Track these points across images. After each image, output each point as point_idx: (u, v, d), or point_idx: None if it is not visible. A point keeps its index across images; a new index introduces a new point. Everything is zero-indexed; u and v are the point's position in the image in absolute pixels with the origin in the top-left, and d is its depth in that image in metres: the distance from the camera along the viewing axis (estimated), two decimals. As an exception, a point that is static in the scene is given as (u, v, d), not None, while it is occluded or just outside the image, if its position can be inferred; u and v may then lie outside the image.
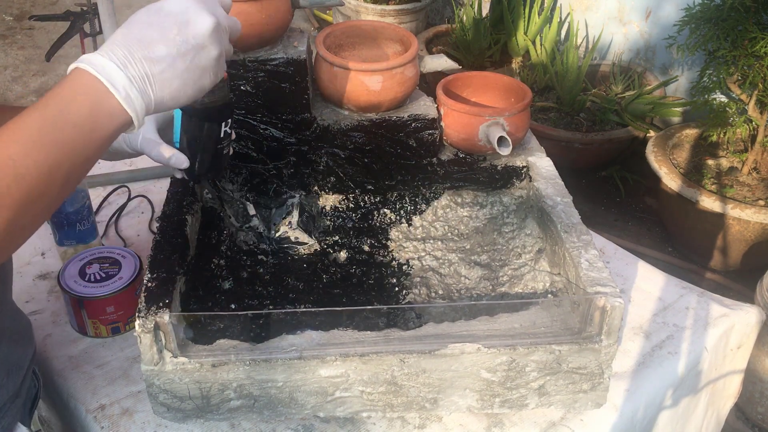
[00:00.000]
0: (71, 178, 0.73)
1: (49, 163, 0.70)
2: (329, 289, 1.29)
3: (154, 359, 0.98)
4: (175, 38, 0.78)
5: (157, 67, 0.77)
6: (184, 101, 0.82)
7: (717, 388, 1.37)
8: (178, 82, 0.79)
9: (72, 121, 0.71)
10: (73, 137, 0.71)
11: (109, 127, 0.74)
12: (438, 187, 1.31)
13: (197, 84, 0.81)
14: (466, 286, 1.29)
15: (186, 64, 0.79)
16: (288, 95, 1.21)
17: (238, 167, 1.28)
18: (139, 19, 0.80)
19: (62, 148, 0.71)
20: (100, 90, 0.73)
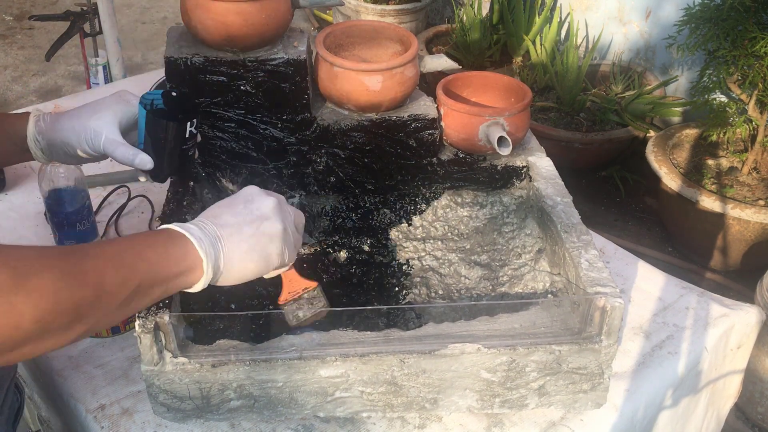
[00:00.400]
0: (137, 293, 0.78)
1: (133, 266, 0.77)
2: (329, 289, 1.29)
3: (154, 359, 0.98)
4: (241, 211, 0.90)
5: (226, 231, 0.88)
6: (254, 267, 0.90)
7: (717, 388, 1.37)
8: (246, 245, 0.88)
9: (153, 248, 0.80)
10: (151, 261, 0.79)
11: (181, 263, 0.82)
12: (438, 187, 1.31)
13: (265, 250, 0.90)
14: (466, 286, 1.29)
15: (253, 230, 0.89)
16: (288, 95, 1.21)
17: (238, 167, 1.28)
18: (213, 206, 0.93)
19: (143, 260, 0.78)
20: (181, 240, 0.83)
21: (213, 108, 1.22)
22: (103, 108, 1.05)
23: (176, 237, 0.84)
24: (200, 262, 0.84)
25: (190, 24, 1.17)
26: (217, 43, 1.17)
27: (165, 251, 0.81)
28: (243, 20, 1.13)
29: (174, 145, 1.05)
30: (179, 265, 0.82)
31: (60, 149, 1.06)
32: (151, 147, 1.04)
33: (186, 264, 0.83)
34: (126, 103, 1.06)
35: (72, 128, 1.04)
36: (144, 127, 1.04)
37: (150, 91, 1.06)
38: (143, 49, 4.67)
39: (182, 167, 1.09)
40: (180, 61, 1.17)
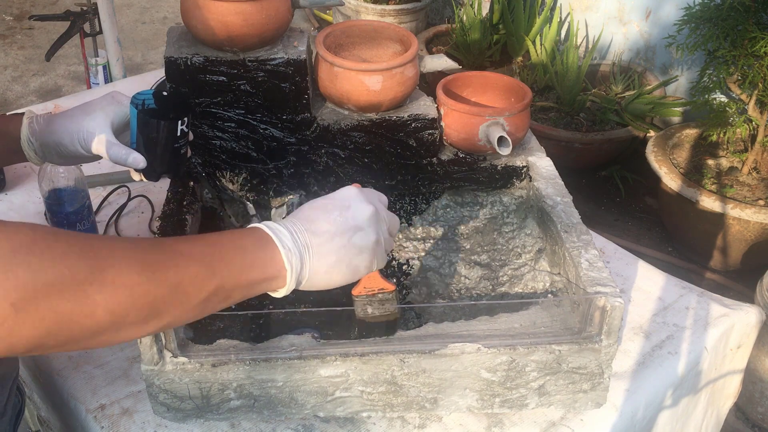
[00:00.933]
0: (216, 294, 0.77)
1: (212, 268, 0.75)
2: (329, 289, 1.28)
3: (154, 359, 0.98)
4: (336, 219, 0.86)
5: (317, 240, 0.84)
6: (340, 278, 0.87)
7: (717, 388, 1.37)
8: (335, 257, 0.85)
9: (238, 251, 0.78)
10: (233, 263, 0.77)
11: (264, 271, 0.80)
12: (438, 186, 1.31)
13: (353, 262, 0.87)
14: (466, 286, 1.29)
15: (344, 241, 0.85)
16: (288, 95, 1.21)
17: (238, 167, 1.28)
18: (310, 204, 0.89)
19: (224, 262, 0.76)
20: (269, 241, 0.81)
21: (213, 108, 1.22)
22: (95, 109, 1.05)
23: (265, 242, 0.81)
24: (285, 272, 0.81)
25: (190, 24, 1.17)
26: (217, 43, 1.17)
27: (251, 257, 0.79)
28: (243, 20, 1.13)
29: (166, 144, 1.05)
30: (263, 272, 0.80)
31: (53, 150, 1.07)
32: (143, 146, 1.05)
33: (270, 272, 0.80)
34: (118, 104, 1.07)
35: (65, 129, 1.04)
36: (135, 126, 1.05)
37: (141, 91, 1.07)
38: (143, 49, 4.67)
39: (175, 165, 1.10)
40: (180, 61, 1.17)
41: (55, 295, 0.63)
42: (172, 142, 1.06)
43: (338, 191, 0.91)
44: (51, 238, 0.64)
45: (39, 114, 1.08)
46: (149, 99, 1.07)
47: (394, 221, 0.94)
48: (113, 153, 1.03)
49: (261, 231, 0.82)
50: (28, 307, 0.61)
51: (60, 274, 0.63)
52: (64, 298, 0.63)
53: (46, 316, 0.63)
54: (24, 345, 0.63)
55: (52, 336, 0.64)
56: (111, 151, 1.03)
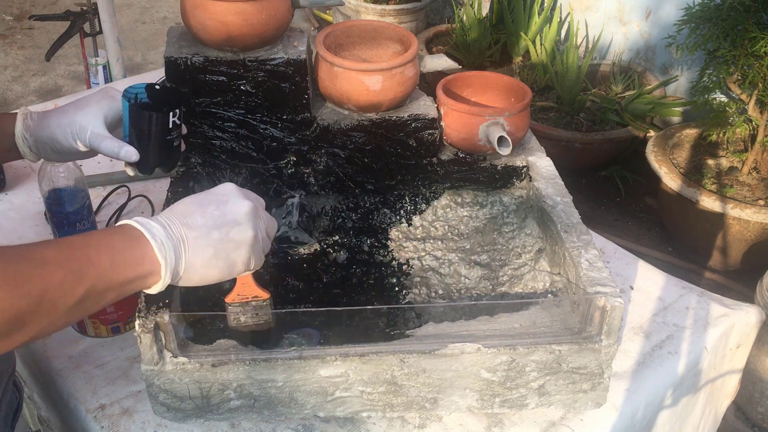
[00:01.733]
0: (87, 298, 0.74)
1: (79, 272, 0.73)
2: (329, 289, 1.29)
3: (154, 359, 0.98)
4: (213, 213, 0.85)
5: (193, 233, 0.83)
6: (217, 273, 0.86)
7: (715, 387, 1.37)
8: (211, 250, 0.84)
9: (108, 251, 0.76)
10: (102, 264, 0.75)
11: (136, 268, 0.78)
12: (438, 186, 1.31)
13: (230, 257, 0.86)
14: (466, 286, 1.29)
15: (221, 235, 0.85)
16: (288, 95, 1.21)
17: (238, 167, 1.28)
18: (185, 199, 0.88)
19: (93, 265, 0.74)
20: (140, 236, 0.79)
21: (213, 108, 1.22)
22: (88, 103, 1.06)
23: (135, 238, 0.79)
24: (159, 267, 0.80)
25: (190, 24, 1.17)
26: (217, 43, 1.17)
27: (121, 256, 0.77)
28: (243, 20, 1.13)
29: (158, 137, 1.06)
30: (136, 270, 0.78)
31: (47, 146, 1.07)
32: (135, 139, 1.05)
33: (143, 269, 0.79)
34: (111, 99, 1.07)
35: (58, 124, 1.05)
36: (128, 119, 1.05)
37: (133, 85, 1.07)
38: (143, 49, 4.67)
39: (167, 158, 1.10)
40: (180, 61, 1.17)
41: None
42: (164, 134, 1.06)
43: (215, 187, 0.90)
44: None
45: (33, 110, 1.09)
46: (142, 92, 1.07)
47: (272, 222, 0.94)
48: (105, 146, 1.03)
49: (131, 227, 0.80)
50: None
51: None
52: None
53: None
54: None
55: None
56: (103, 144, 1.03)
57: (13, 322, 0.68)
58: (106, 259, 0.76)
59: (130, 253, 0.78)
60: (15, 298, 0.67)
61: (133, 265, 0.78)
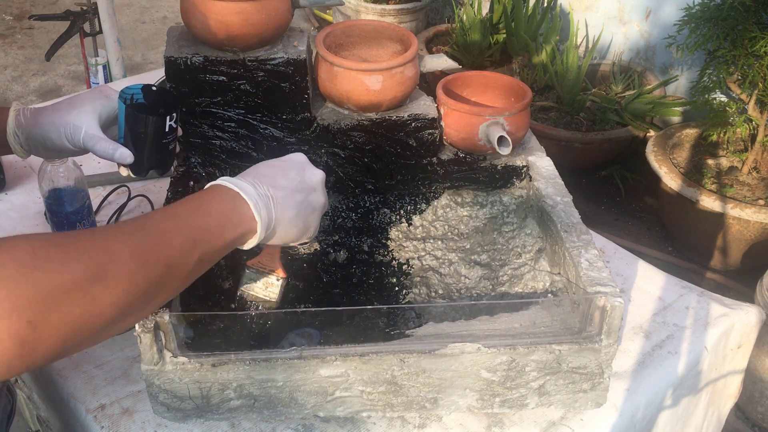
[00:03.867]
0: (200, 261, 0.79)
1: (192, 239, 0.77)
2: (329, 289, 1.29)
3: (154, 359, 0.98)
4: (294, 177, 0.91)
5: (279, 193, 0.88)
6: (295, 234, 0.92)
7: (717, 388, 1.37)
8: (294, 211, 0.90)
9: (213, 215, 0.81)
10: (210, 229, 0.79)
11: (237, 229, 0.83)
12: (438, 186, 1.31)
13: (307, 220, 0.93)
14: (466, 286, 1.29)
15: (301, 198, 0.91)
16: (288, 95, 1.21)
17: (238, 167, 1.28)
18: (264, 164, 0.93)
19: (202, 230, 0.79)
20: (236, 197, 0.84)
21: (213, 108, 1.22)
22: (83, 102, 1.05)
23: (232, 199, 0.83)
24: (255, 225, 0.85)
25: (190, 24, 1.17)
26: (217, 43, 1.17)
27: (225, 218, 0.81)
28: (243, 20, 1.13)
29: (153, 139, 1.05)
30: (237, 230, 0.83)
31: (39, 143, 1.06)
32: (130, 141, 1.05)
33: (242, 228, 0.84)
34: (106, 98, 1.07)
35: (52, 123, 1.04)
36: (123, 121, 1.04)
37: (130, 86, 1.07)
38: (143, 49, 4.67)
39: (162, 161, 1.10)
40: (180, 61, 1.17)
41: (64, 303, 0.63)
42: (160, 137, 1.06)
43: (289, 155, 0.95)
44: (47, 246, 0.64)
45: (25, 107, 1.08)
46: (138, 94, 1.07)
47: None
48: (100, 148, 1.03)
49: (226, 188, 0.84)
50: (44, 321, 0.61)
51: (65, 282, 0.63)
52: (74, 303, 0.64)
53: (60, 326, 0.63)
54: (44, 357, 0.63)
55: (68, 343, 0.65)
56: (98, 145, 1.03)
57: (148, 293, 0.72)
58: (213, 223, 0.80)
59: (231, 214, 0.82)
60: (147, 270, 0.71)
61: (236, 225, 0.82)
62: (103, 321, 0.67)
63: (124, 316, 0.70)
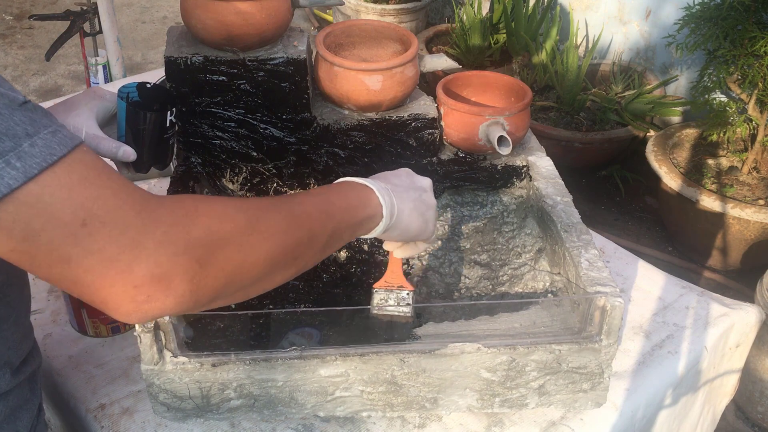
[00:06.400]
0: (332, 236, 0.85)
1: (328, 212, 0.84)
2: (329, 288, 1.29)
3: (154, 359, 0.98)
4: (405, 179, 0.98)
5: (396, 189, 0.95)
6: (416, 227, 0.96)
7: (714, 386, 1.37)
8: (411, 204, 0.95)
9: (344, 196, 0.88)
10: (342, 206, 0.87)
11: (365, 209, 0.89)
12: (438, 186, 1.31)
13: (425, 215, 0.98)
14: (466, 286, 1.29)
15: (416, 195, 0.97)
16: (288, 95, 1.21)
17: (238, 167, 1.28)
18: (376, 174, 0.99)
19: (336, 206, 0.86)
20: (363, 187, 0.91)
21: (213, 108, 1.21)
22: (79, 104, 1.05)
23: (359, 187, 0.90)
24: (380, 209, 0.90)
25: (190, 23, 1.17)
26: (217, 43, 1.16)
27: (355, 199, 0.88)
28: (243, 20, 1.13)
29: (154, 135, 1.06)
30: (365, 211, 0.89)
31: None
32: (132, 138, 1.05)
33: (369, 211, 0.89)
34: (101, 99, 1.07)
35: None
36: (124, 119, 1.05)
37: (126, 84, 1.08)
38: (143, 49, 4.67)
39: (163, 157, 1.11)
40: (180, 61, 1.17)
41: (228, 247, 0.69)
42: (161, 132, 1.06)
43: (396, 169, 1.02)
44: (207, 200, 0.71)
45: None
46: (133, 91, 1.07)
47: None
48: (103, 147, 1.03)
49: (353, 182, 0.91)
50: (210, 261, 0.68)
51: (228, 229, 0.70)
52: (236, 249, 0.70)
53: (224, 267, 0.69)
54: (207, 296, 0.69)
55: (228, 286, 0.71)
56: (101, 145, 1.03)
57: (294, 253, 0.78)
58: (345, 203, 0.87)
59: (359, 197, 0.89)
60: (295, 230, 0.77)
61: (364, 206, 0.89)
62: (257, 272, 0.73)
63: (272, 272, 0.76)
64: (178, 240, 0.66)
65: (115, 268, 0.63)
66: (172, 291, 0.65)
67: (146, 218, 0.65)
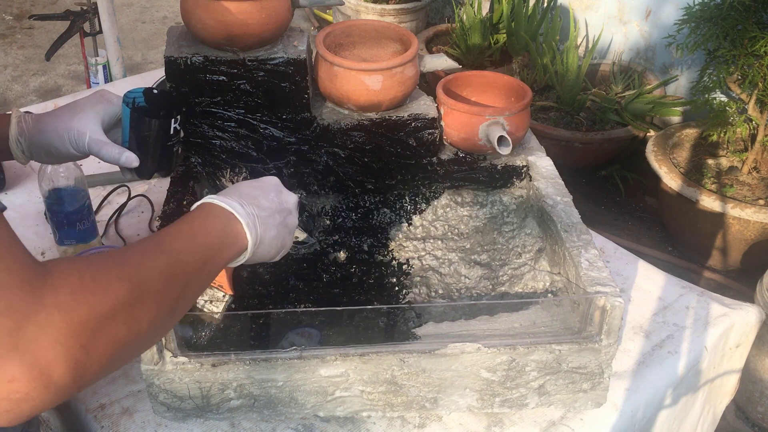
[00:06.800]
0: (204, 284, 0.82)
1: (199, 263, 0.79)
2: (329, 288, 1.29)
3: (154, 359, 0.98)
4: (274, 199, 0.93)
5: (263, 213, 0.90)
6: (273, 253, 0.93)
7: (714, 386, 1.37)
8: (275, 231, 0.92)
9: (216, 235, 0.83)
10: (214, 248, 0.82)
11: (233, 247, 0.85)
12: (438, 186, 1.31)
13: (284, 241, 0.94)
14: (466, 286, 1.29)
15: (281, 219, 0.93)
16: (288, 95, 1.21)
17: (238, 167, 1.28)
18: (244, 184, 0.95)
19: (205, 252, 0.80)
20: (230, 217, 0.86)
21: (213, 108, 1.22)
22: (84, 108, 1.05)
23: (227, 218, 0.86)
24: (247, 243, 0.87)
25: (190, 23, 1.17)
26: (217, 43, 1.16)
27: (224, 237, 0.84)
28: (243, 20, 1.13)
29: (158, 142, 1.06)
30: (233, 248, 0.86)
31: (42, 150, 1.06)
32: (135, 144, 1.05)
33: (237, 246, 0.86)
34: (107, 102, 1.07)
35: (55, 129, 1.04)
36: (128, 125, 1.04)
37: (132, 90, 1.07)
38: (143, 49, 4.67)
39: (167, 163, 1.11)
40: (180, 61, 1.17)
41: (113, 325, 0.64)
42: (165, 139, 1.06)
43: (264, 177, 0.98)
44: (92, 269, 0.65)
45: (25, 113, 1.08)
46: (140, 97, 1.07)
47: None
48: (106, 152, 1.03)
49: (220, 208, 0.86)
50: (95, 344, 0.62)
51: (112, 304, 0.64)
52: (120, 325, 0.65)
53: (108, 348, 0.63)
54: (91, 380, 0.63)
55: (112, 364, 0.66)
56: (103, 150, 1.03)
57: (173, 311, 0.74)
58: (215, 242, 0.83)
59: (228, 233, 0.85)
60: (172, 289, 0.73)
61: (232, 243, 0.85)
62: (143, 340, 0.70)
63: (156, 334, 0.73)
64: (61, 325, 0.59)
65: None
66: (53, 385, 0.58)
67: (31, 300, 0.58)
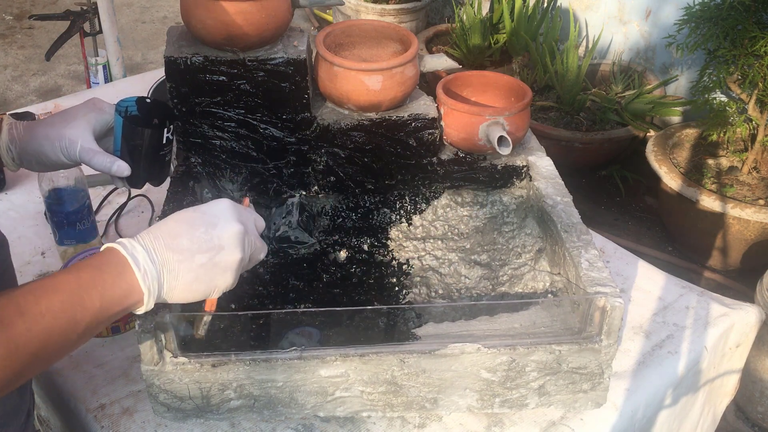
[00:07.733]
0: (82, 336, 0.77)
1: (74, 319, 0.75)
2: (329, 289, 1.29)
3: (154, 359, 0.98)
4: (200, 236, 0.84)
5: (176, 257, 0.83)
6: (197, 296, 0.86)
7: (714, 386, 1.37)
8: (192, 275, 0.84)
9: (98, 291, 0.78)
10: (95, 306, 0.77)
11: (123, 301, 0.80)
12: (438, 186, 1.31)
13: (212, 282, 0.86)
14: (466, 286, 1.29)
15: (204, 260, 0.84)
16: (288, 95, 1.21)
17: (238, 167, 1.28)
18: (176, 215, 0.87)
19: (86, 309, 0.76)
20: (126, 266, 0.80)
21: (213, 108, 1.21)
22: (77, 116, 1.05)
23: (122, 269, 0.80)
24: (143, 297, 0.82)
25: (190, 23, 1.17)
26: (217, 43, 1.16)
27: (110, 293, 0.79)
28: (243, 20, 1.13)
29: (150, 152, 1.06)
30: (122, 304, 0.80)
31: (33, 158, 1.06)
32: (127, 154, 1.05)
33: (129, 301, 0.81)
34: (99, 111, 1.06)
35: (46, 137, 1.04)
36: (120, 134, 1.04)
37: (125, 99, 1.08)
38: (143, 49, 4.67)
39: (159, 173, 1.11)
40: (180, 61, 1.17)
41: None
42: (157, 149, 1.06)
43: (209, 204, 0.89)
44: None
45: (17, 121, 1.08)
46: (132, 106, 1.07)
47: (259, 249, 0.93)
48: (97, 161, 1.03)
49: (120, 256, 0.81)
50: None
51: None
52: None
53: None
54: None
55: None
56: (95, 159, 1.02)
57: (14, 378, 0.71)
58: (97, 299, 0.77)
59: (118, 288, 0.79)
60: (15, 359, 0.70)
61: (121, 299, 0.80)
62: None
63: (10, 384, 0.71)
64: None
65: None
66: None
67: None
